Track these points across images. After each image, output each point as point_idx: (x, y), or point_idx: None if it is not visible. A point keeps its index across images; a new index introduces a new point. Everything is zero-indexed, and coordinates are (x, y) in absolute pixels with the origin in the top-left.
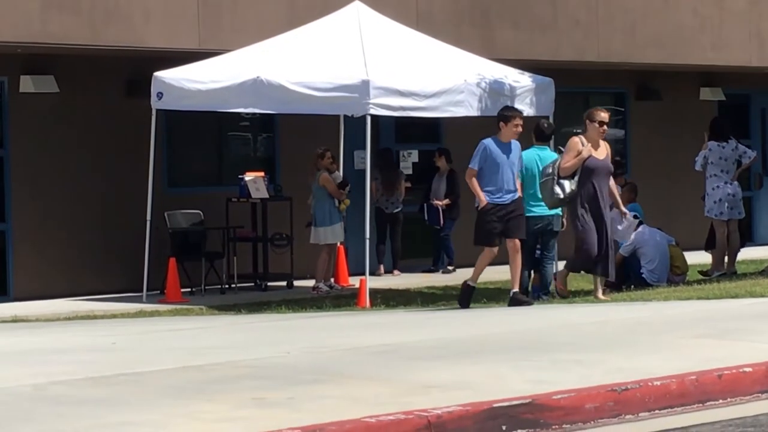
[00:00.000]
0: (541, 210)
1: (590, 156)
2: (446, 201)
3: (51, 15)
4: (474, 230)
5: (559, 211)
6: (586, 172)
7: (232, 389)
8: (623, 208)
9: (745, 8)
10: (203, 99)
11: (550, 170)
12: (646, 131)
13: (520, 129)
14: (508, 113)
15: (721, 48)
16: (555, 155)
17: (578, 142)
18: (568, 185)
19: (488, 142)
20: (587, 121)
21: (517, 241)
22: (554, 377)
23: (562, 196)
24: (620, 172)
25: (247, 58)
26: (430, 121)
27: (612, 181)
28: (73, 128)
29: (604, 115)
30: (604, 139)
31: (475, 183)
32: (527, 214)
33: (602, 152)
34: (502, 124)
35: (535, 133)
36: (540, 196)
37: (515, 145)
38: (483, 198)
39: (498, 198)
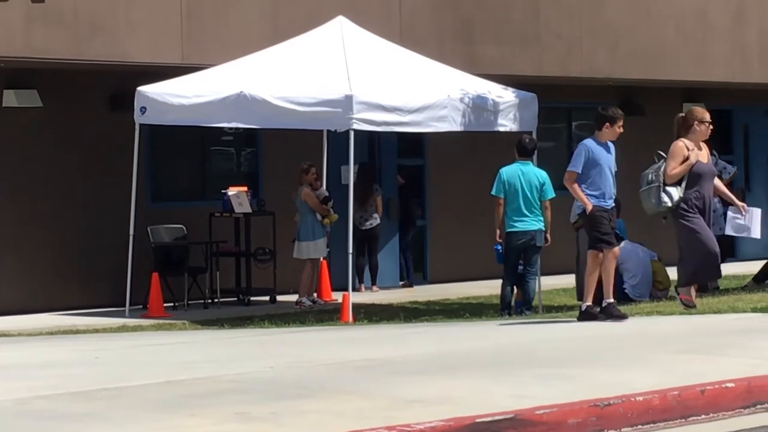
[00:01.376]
0: (524, 225)
1: (697, 161)
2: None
3: (35, 29)
4: (588, 237)
5: (541, 226)
6: (693, 177)
7: (215, 404)
8: (739, 202)
9: (728, 24)
10: (187, 113)
11: (652, 177)
12: (629, 146)
13: (621, 130)
14: (614, 114)
15: (704, 63)
16: (538, 170)
17: (683, 147)
18: (676, 192)
19: (590, 143)
20: (694, 123)
21: (616, 249)
22: (537, 392)
23: (670, 204)
24: None
25: (230, 72)
26: (413, 136)
27: (717, 181)
28: (57, 143)
29: (708, 115)
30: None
31: (577, 187)
32: (509, 230)
33: (705, 155)
34: (607, 124)
35: (518, 148)
36: (532, 212)
37: (611, 145)
38: (588, 202)
39: (603, 202)
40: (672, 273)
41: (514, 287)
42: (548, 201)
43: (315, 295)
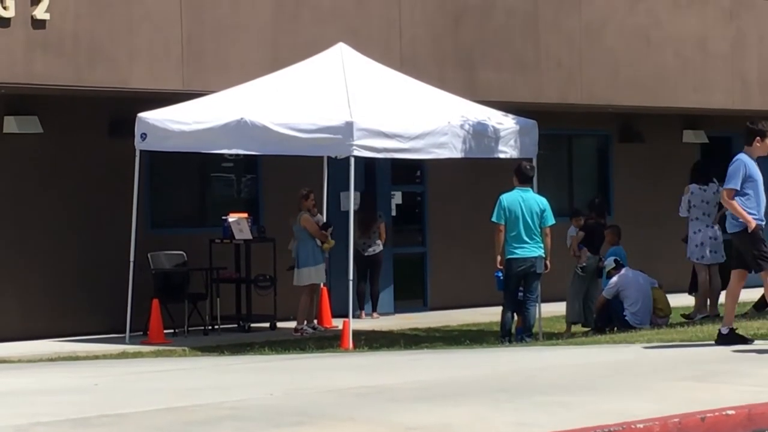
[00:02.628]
0: (524, 252)
1: None
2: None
3: (35, 56)
4: (743, 256)
5: (542, 252)
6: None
7: (214, 431)
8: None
9: (727, 51)
10: (187, 140)
11: None
12: (629, 173)
13: None
14: (764, 127)
15: (703, 90)
16: (539, 197)
17: None
18: None
19: (745, 158)
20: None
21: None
22: (537, 419)
23: None
24: (582, 213)
25: (230, 99)
26: (414, 163)
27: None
28: (57, 169)
29: None
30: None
31: (737, 204)
32: (510, 257)
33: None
34: (758, 139)
35: (518, 174)
36: (532, 238)
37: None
38: (752, 220)
39: (759, 220)
40: (672, 300)
41: (515, 314)
42: (548, 228)
43: (315, 321)
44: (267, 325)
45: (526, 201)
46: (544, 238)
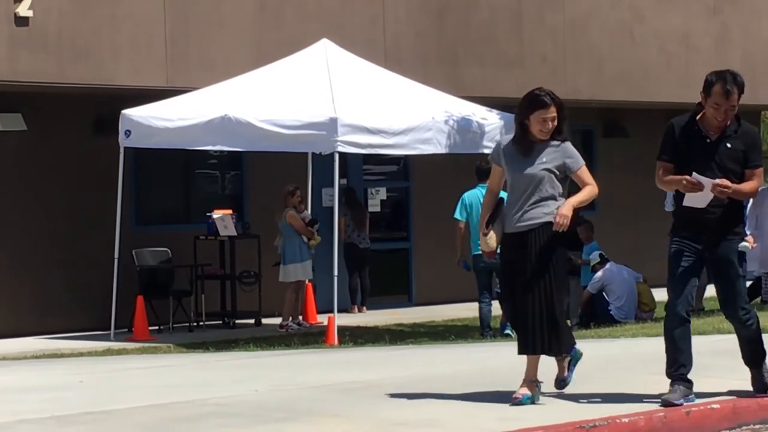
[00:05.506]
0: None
1: None
2: None
3: (19, 53)
4: None
5: None
6: None
7: (200, 427)
8: None
9: (711, 46)
10: (171, 137)
11: None
12: (613, 168)
13: None
14: None
15: (687, 85)
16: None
17: None
18: None
19: None
20: None
21: None
22: (522, 414)
23: None
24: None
25: (215, 96)
26: (398, 159)
27: None
28: (41, 166)
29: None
30: None
31: None
32: (475, 252)
33: None
34: None
35: (477, 173)
36: None
37: None
38: None
39: None
40: (657, 295)
41: (491, 308)
42: None
43: (300, 317)
44: (252, 321)
45: None
46: None
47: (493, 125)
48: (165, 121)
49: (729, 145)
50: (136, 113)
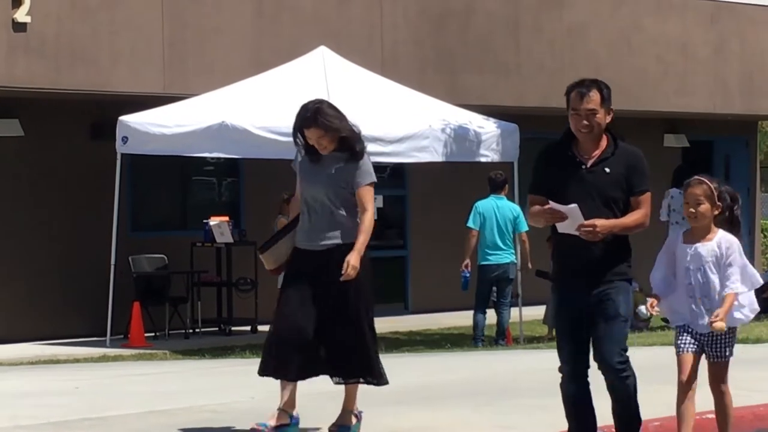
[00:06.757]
0: (496, 259)
1: None
2: None
3: (16, 58)
4: None
5: (513, 258)
6: None
7: None
8: None
9: (709, 55)
10: (168, 143)
11: None
12: None
13: None
14: None
15: (685, 94)
16: (512, 204)
17: None
18: None
19: None
20: None
21: None
22: (518, 422)
23: None
24: None
25: (212, 102)
26: (395, 167)
27: None
28: (38, 172)
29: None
30: None
31: None
32: (483, 263)
33: None
34: None
35: (490, 184)
36: (505, 244)
37: None
38: None
39: None
40: None
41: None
42: (525, 234)
43: None
44: (248, 328)
45: (500, 208)
46: (522, 244)
47: (490, 133)
48: (162, 127)
49: (608, 170)
50: (133, 119)
